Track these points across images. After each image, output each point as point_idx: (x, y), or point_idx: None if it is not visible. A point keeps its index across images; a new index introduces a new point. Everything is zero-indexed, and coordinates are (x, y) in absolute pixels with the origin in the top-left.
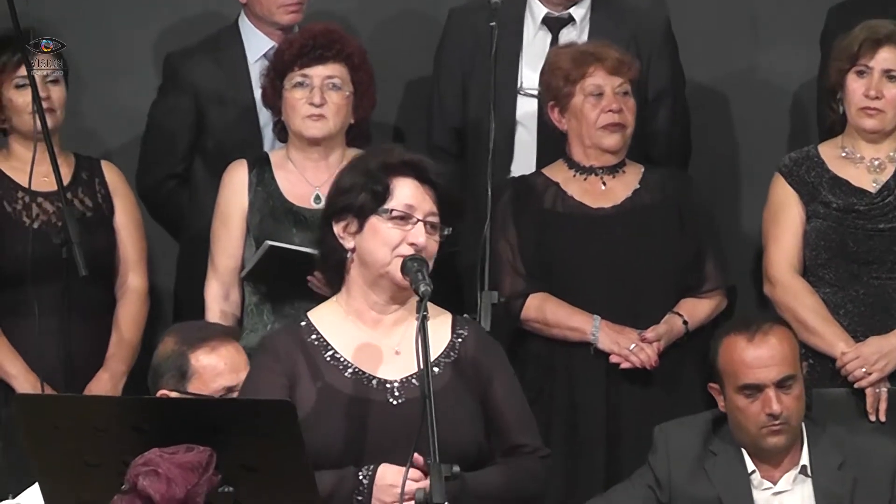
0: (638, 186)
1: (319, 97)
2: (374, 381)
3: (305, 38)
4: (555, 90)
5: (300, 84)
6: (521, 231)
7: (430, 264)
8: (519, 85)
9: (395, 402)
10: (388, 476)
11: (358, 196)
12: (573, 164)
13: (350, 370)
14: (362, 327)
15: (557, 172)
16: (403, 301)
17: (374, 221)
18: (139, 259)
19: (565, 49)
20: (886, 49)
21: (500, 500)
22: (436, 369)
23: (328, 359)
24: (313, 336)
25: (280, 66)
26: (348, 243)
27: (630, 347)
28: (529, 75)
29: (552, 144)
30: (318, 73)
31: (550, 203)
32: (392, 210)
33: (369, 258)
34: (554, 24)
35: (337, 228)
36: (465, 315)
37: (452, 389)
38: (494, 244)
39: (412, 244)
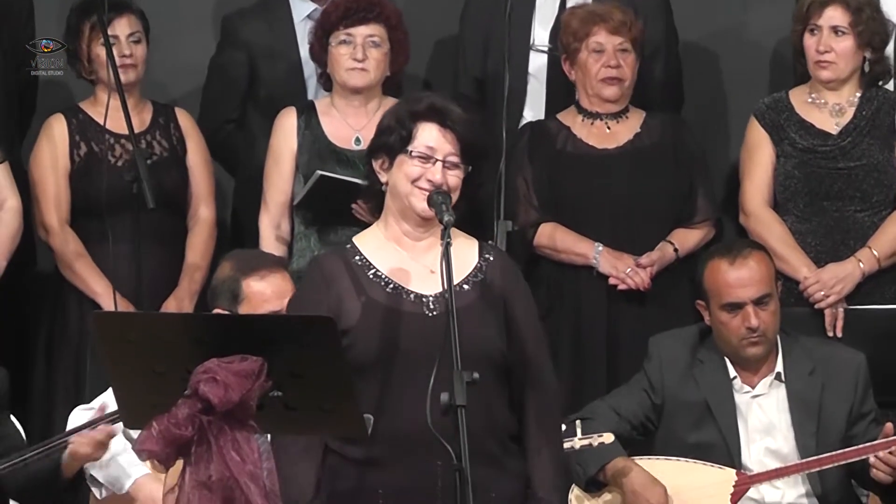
0: (639, 130)
1: (362, 53)
2: (412, 296)
3: (349, 2)
4: (565, 46)
5: (345, 41)
6: (535, 169)
7: (455, 196)
8: (532, 42)
9: (429, 314)
10: None
11: (389, 137)
12: (581, 111)
13: (390, 286)
14: (400, 251)
15: (569, 117)
16: (431, 229)
17: (400, 159)
18: (209, 193)
19: (577, 10)
20: (832, 8)
21: (564, 474)
22: (465, 286)
23: (371, 276)
24: (357, 257)
25: (327, 25)
26: (383, 177)
27: (626, 271)
28: (541, 33)
29: (560, 93)
30: (361, 32)
31: (562, 144)
32: (412, 151)
33: (395, 190)
34: None
35: (375, 164)
36: (490, 242)
37: (479, 304)
38: (512, 180)
39: (430, 180)
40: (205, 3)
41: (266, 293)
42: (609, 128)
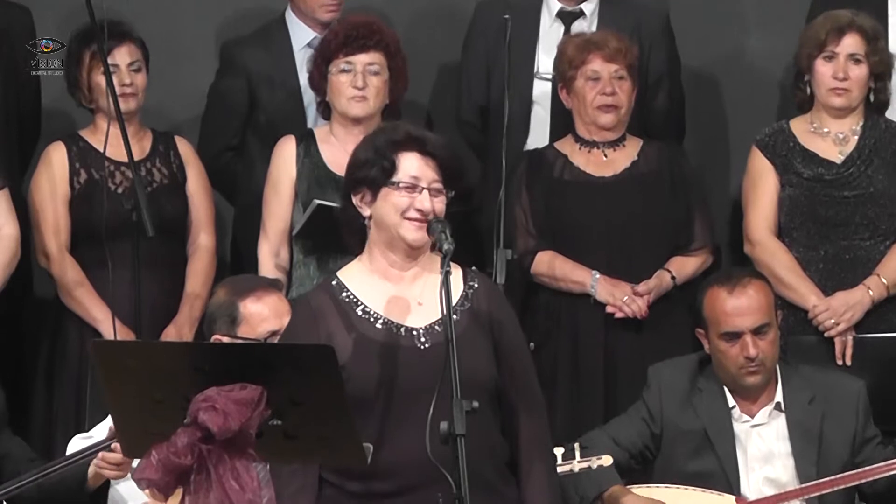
0: (636, 158)
1: (362, 81)
2: (402, 329)
3: (349, 30)
4: (562, 74)
5: (344, 69)
6: (533, 197)
7: None
8: (535, 70)
9: (422, 347)
10: None
11: (370, 171)
12: (578, 139)
13: (380, 321)
14: (386, 283)
15: (566, 145)
16: (418, 258)
17: (385, 192)
18: (208, 221)
19: (573, 38)
20: (849, 36)
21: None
22: (454, 316)
23: (360, 313)
24: (344, 294)
25: (327, 53)
26: (365, 211)
27: (623, 299)
28: (545, 61)
29: (564, 121)
30: (361, 59)
31: (559, 172)
32: (399, 182)
33: (382, 223)
34: (567, 17)
35: (355, 199)
36: (473, 268)
37: (470, 333)
38: (510, 208)
39: (419, 210)
40: (205, 30)
41: (264, 313)
42: (606, 155)
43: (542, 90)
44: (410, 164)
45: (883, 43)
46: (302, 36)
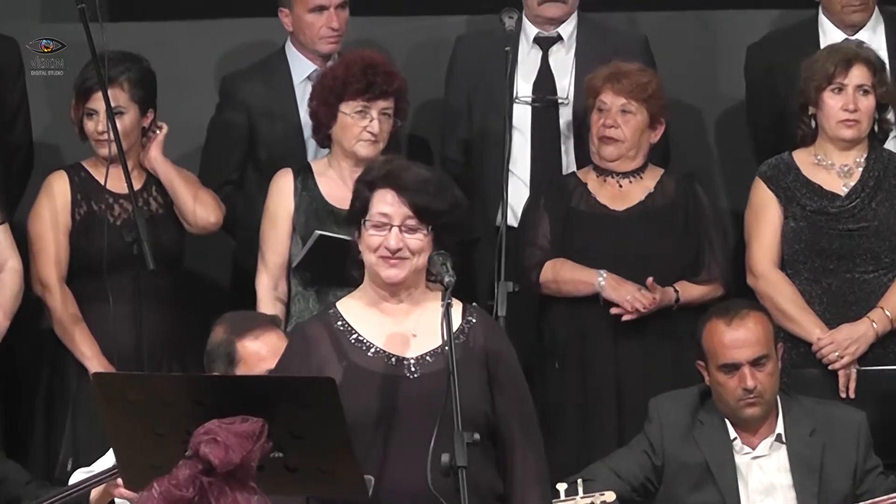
0: (652, 191)
1: (378, 127)
2: (394, 359)
3: (371, 75)
4: (587, 102)
5: (361, 112)
6: (551, 223)
7: (423, 258)
8: (515, 94)
9: (412, 377)
10: None
11: (352, 209)
12: (595, 168)
13: (372, 350)
14: (382, 315)
15: (586, 174)
16: (401, 293)
17: (363, 229)
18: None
19: (602, 69)
20: (857, 67)
21: None
22: (447, 348)
23: (353, 341)
24: (339, 322)
25: (342, 93)
26: (361, 246)
27: (627, 298)
28: (523, 86)
29: (544, 146)
30: (379, 105)
31: (577, 202)
32: (368, 221)
33: (364, 259)
34: (544, 43)
35: (354, 235)
36: (474, 304)
37: (463, 367)
38: (526, 232)
39: (387, 248)
40: (204, 63)
41: (262, 353)
42: (621, 186)
43: (521, 115)
44: (382, 202)
45: (887, 74)
46: (302, 69)
